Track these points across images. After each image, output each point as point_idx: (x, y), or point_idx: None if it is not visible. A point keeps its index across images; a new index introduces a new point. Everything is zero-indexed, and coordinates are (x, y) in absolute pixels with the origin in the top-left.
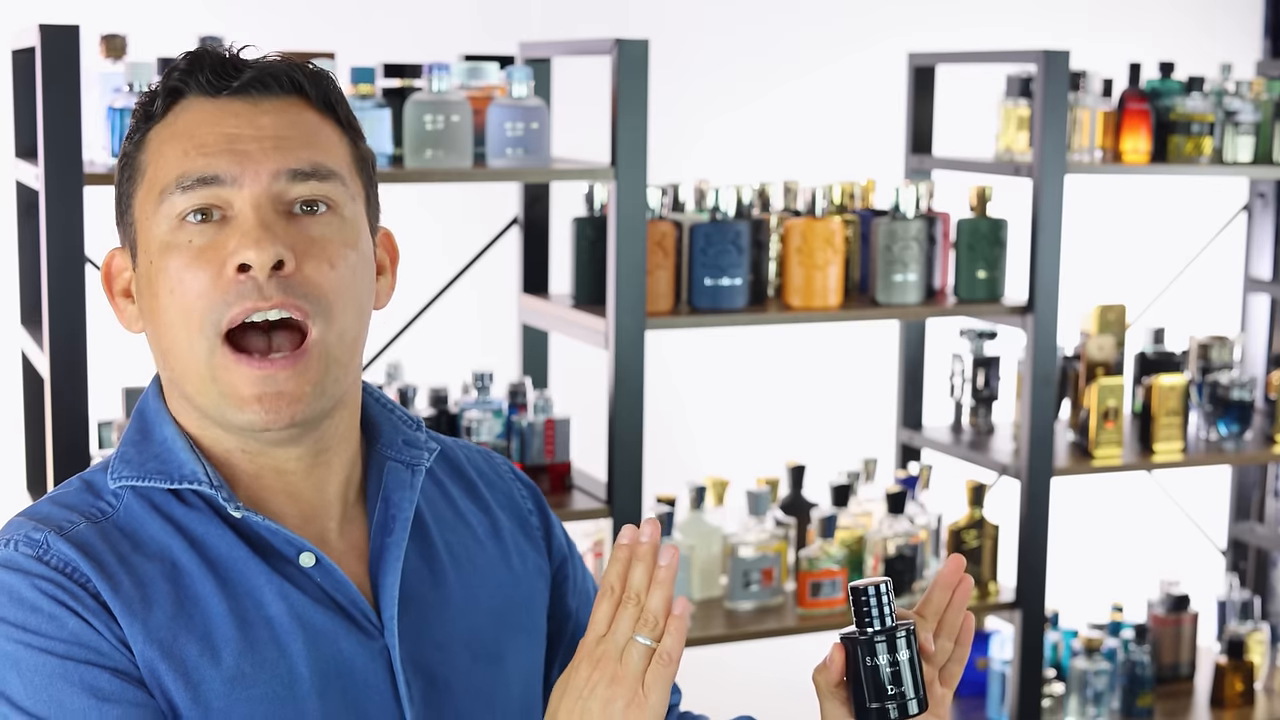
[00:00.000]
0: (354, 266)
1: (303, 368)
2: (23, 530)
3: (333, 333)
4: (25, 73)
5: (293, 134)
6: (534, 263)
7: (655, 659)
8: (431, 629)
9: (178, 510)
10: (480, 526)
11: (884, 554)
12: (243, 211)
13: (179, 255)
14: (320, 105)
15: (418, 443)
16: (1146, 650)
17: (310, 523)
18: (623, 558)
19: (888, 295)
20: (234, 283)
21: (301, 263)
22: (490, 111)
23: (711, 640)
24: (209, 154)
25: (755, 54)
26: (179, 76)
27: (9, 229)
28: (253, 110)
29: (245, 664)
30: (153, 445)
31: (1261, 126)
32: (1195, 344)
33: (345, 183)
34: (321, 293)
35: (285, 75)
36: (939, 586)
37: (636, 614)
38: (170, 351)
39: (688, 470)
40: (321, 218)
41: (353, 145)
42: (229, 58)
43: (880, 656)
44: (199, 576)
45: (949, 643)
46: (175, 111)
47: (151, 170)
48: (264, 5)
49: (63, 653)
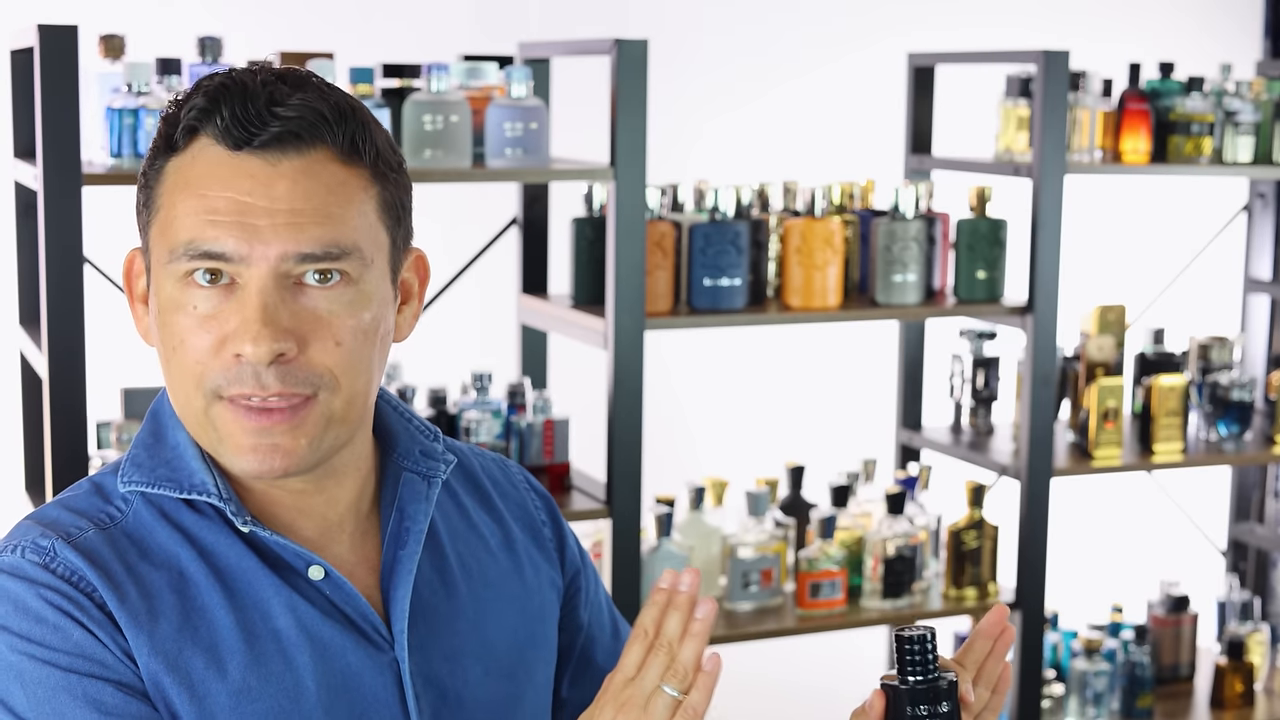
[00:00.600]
0: (366, 331)
1: (299, 423)
2: (30, 536)
3: (338, 400)
4: (24, 73)
5: (309, 205)
6: (533, 263)
7: (680, 712)
8: (442, 642)
9: (188, 518)
10: (493, 538)
11: (883, 555)
12: (248, 288)
13: (185, 317)
14: (347, 154)
15: (435, 454)
16: (1146, 651)
17: (322, 535)
18: (660, 602)
19: (887, 295)
20: (232, 364)
21: (305, 346)
22: (489, 112)
23: (711, 641)
24: (218, 224)
25: (755, 54)
26: (197, 115)
27: (7, 229)
28: (270, 172)
29: (251, 677)
30: (164, 450)
31: (1261, 126)
32: (1195, 344)
33: (363, 252)
34: (326, 371)
35: (309, 127)
36: (981, 636)
37: (667, 663)
38: (173, 393)
39: (687, 471)
40: (334, 289)
41: (381, 189)
42: (251, 106)
43: (921, 708)
44: (206, 587)
45: (986, 691)
46: (192, 150)
47: (165, 213)
48: (263, 5)
49: (66, 665)
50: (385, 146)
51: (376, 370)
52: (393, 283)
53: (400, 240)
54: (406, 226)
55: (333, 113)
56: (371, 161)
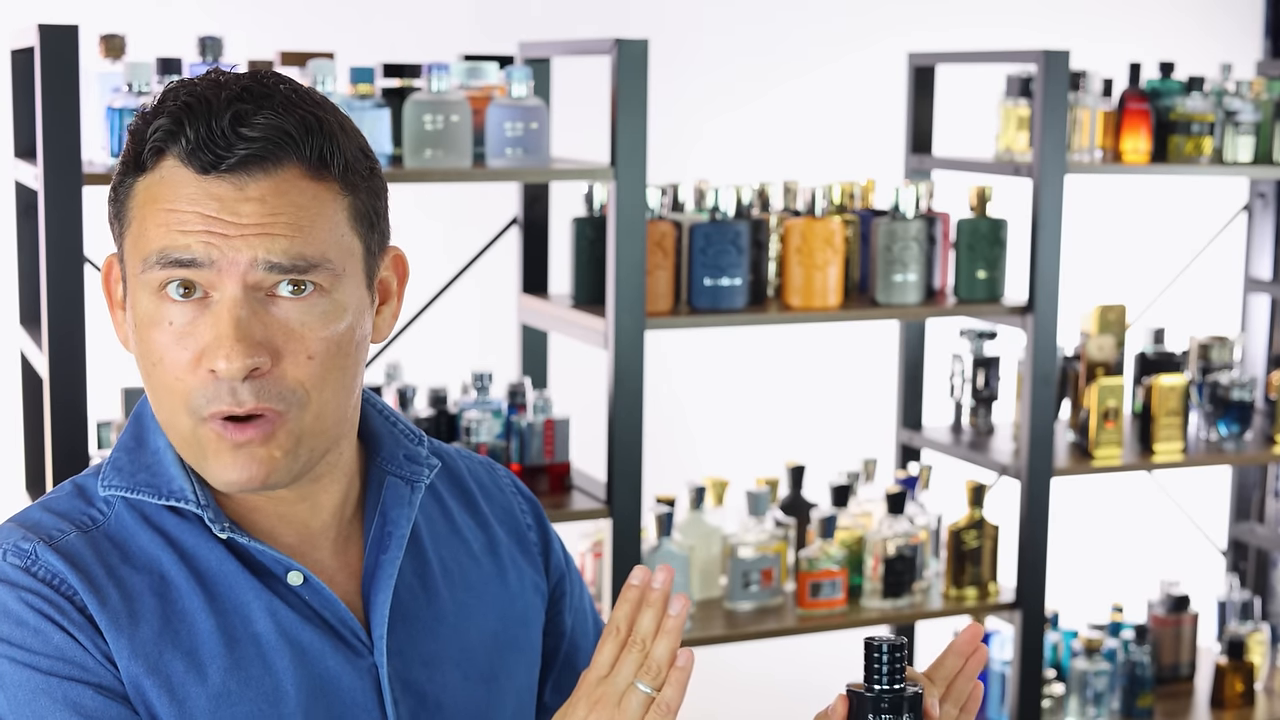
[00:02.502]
0: (339, 343)
1: (269, 436)
2: (12, 539)
3: (309, 415)
4: (24, 73)
5: (277, 220)
6: (533, 263)
7: (654, 708)
8: (422, 647)
9: (169, 521)
10: (476, 542)
11: (884, 554)
12: (220, 302)
13: (161, 333)
14: (316, 168)
15: (419, 458)
16: (1146, 651)
17: (303, 541)
18: (632, 599)
19: (887, 295)
20: (209, 380)
21: (278, 359)
22: (489, 111)
23: (711, 640)
24: (189, 234)
25: (755, 54)
26: (162, 136)
27: (8, 229)
28: (236, 196)
29: (231, 681)
30: (145, 455)
31: (1261, 126)
32: (1195, 344)
33: (332, 264)
34: (298, 385)
35: (275, 147)
36: (953, 653)
37: (640, 660)
38: (158, 407)
39: (687, 470)
40: (306, 300)
41: (353, 199)
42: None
43: (884, 717)
44: (187, 591)
45: (954, 710)
46: (160, 170)
47: (136, 226)
48: (263, 5)
49: (47, 668)
50: (355, 154)
51: (352, 378)
52: (369, 287)
53: (375, 245)
54: (382, 230)
55: (299, 129)
56: (341, 173)
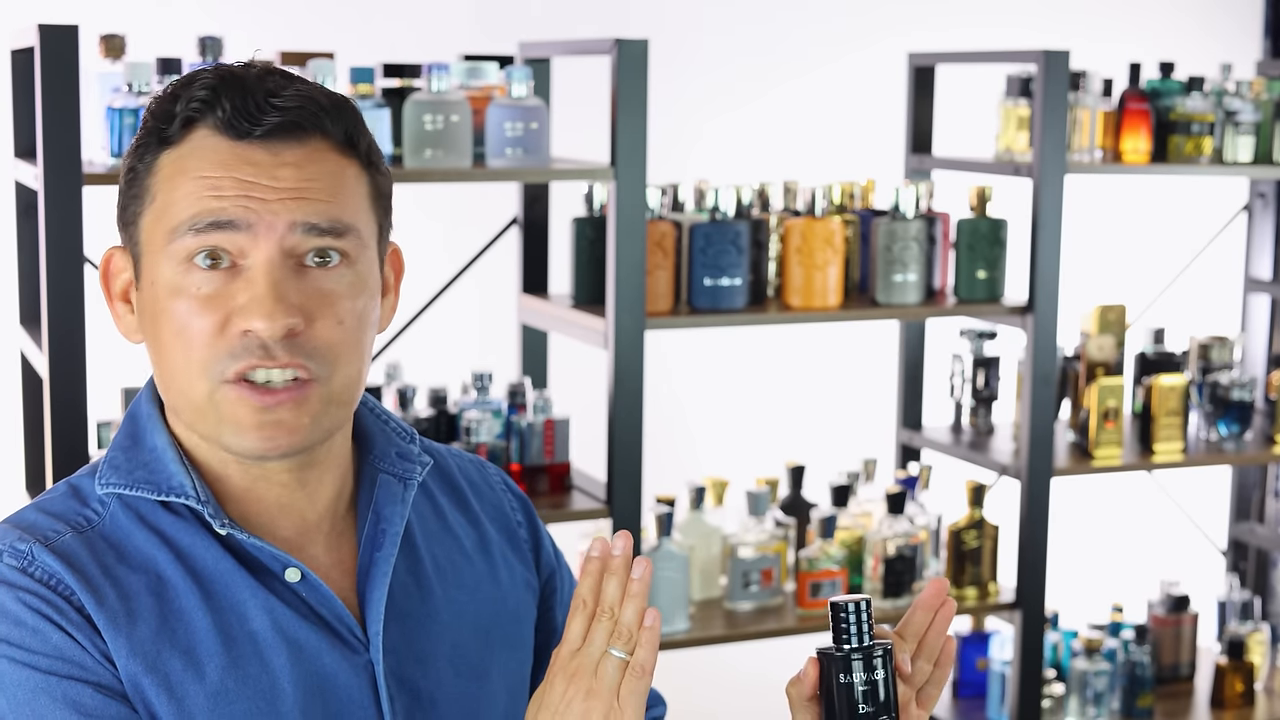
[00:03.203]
0: (361, 314)
1: (302, 400)
2: (8, 540)
3: (336, 380)
4: (24, 73)
5: (311, 186)
6: (533, 263)
7: (629, 672)
8: (416, 644)
9: (165, 520)
10: (468, 539)
11: (884, 554)
12: (255, 266)
13: (186, 300)
14: (343, 144)
15: (411, 455)
16: (1146, 651)
17: (299, 536)
18: (594, 570)
19: (887, 295)
20: (239, 338)
21: (311, 322)
22: (489, 111)
23: (711, 641)
24: (224, 198)
25: (755, 54)
26: (197, 107)
27: (8, 229)
28: (272, 161)
29: (229, 679)
30: (142, 453)
31: (1261, 126)
32: (1195, 344)
33: (360, 233)
34: (329, 348)
35: (309, 116)
36: (920, 608)
37: (611, 627)
38: (170, 382)
39: (687, 470)
40: (334, 270)
41: (372, 181)
42: (251, 98)
43: (855, 674)
44: (184, 589)
45: (928, 665)
46: (190, 142)
47: (162, 199)
48: (263, 5)
49: (46, 667)
50: (374, 141)
51: (368, 356)
52: (381, 271)
53: (386, 230)
54: (390, 220)
55: (329, 103)
56: (364, 153)
